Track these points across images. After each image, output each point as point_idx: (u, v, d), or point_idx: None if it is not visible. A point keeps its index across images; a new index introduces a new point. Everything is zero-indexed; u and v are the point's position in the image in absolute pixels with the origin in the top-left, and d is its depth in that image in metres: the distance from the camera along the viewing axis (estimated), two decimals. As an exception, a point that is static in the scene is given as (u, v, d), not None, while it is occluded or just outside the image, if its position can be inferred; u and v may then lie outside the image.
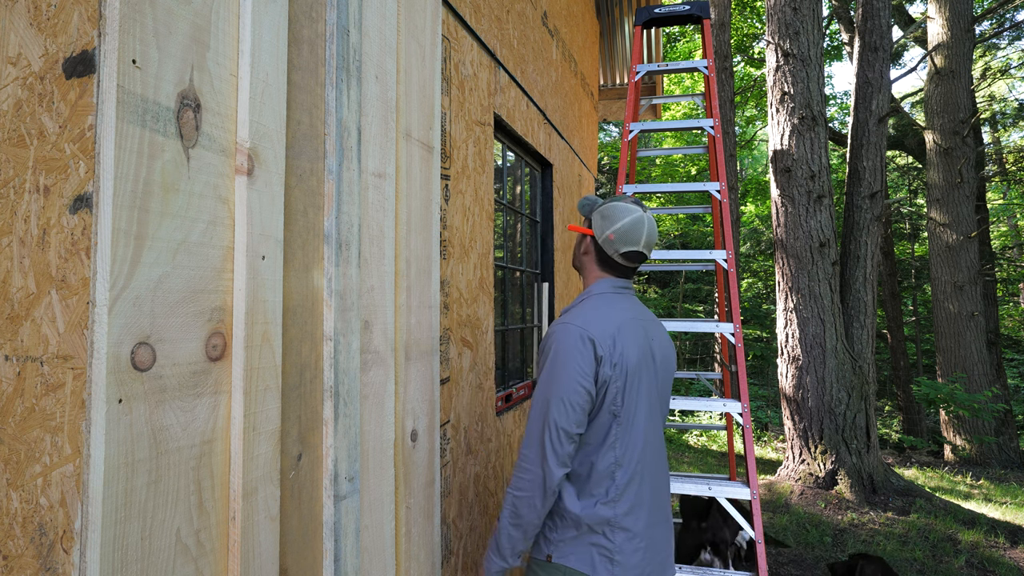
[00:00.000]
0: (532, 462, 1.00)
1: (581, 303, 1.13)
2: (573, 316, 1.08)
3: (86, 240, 0.61)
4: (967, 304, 6.60)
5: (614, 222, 1.14)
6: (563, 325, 1.06)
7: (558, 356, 1.02)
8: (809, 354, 4.54)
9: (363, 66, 0.96)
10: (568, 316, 1.09)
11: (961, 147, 6.76)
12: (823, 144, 4.75)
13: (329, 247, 0.88)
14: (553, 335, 1.06)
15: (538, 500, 1.00)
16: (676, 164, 11.34)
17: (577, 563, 1.01)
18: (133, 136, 0.59)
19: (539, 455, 1.00)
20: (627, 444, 1.04)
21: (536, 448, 1.00)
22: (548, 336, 1.07)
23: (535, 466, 1.00)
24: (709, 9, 2.41)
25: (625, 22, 4.93)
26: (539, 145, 2.67)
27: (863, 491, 4.21)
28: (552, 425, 0.99)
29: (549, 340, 1.06)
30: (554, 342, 1.04)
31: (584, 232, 1.18)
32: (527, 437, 1.02)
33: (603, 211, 1.15)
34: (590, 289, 1.16)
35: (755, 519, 1.85)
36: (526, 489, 1.01)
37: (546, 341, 1.07)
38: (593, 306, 1.10)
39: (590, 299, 1.13)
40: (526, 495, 1.01)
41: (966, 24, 6.82)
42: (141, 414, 0.59)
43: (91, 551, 0.55)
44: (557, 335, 1.05)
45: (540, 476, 0.99)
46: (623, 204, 1.14)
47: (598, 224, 1.16)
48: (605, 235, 1.14)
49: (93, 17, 0.62)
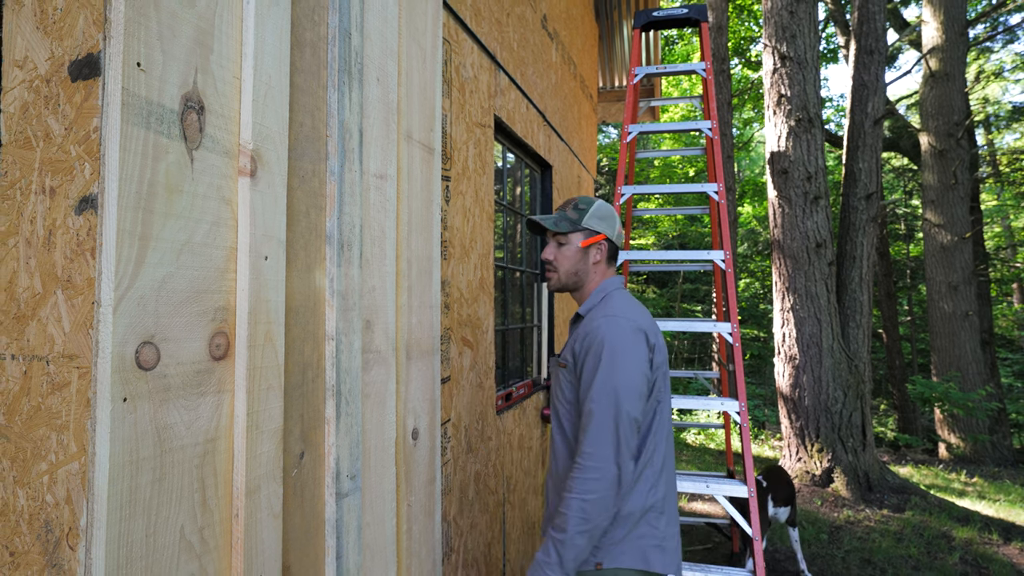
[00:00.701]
0: (602, 459, 0.94)
1: (606, 299, 1.11)
2: (613, 309, 1.06)
3: (91, 241, 0.62)
4: (961, 304, 6.65)
5: (613, 217, 1.17)
6: (610, 318, 1.03)
7: (616, 348, 0.99)
8: (806, 353, 4.57)
9: (365, 68, 0.97)
10: (607, 309, 1.06)
11: (955, 149, 6.81)
12: (819, 146, 4.78)
13: (331, 247, 0.89)
14: (599, 329, 1.02)
15: (611, 500, 0.94)
16: (674, 165, 11.37)
17: (631, 561, 0.98)
18: (138, 138, 0.60)
19: (612, 450, 0.94)
20: (662, 430, 1.05)
21: (608, 444, 0.94)
22: (593, 331, 1.03)
23: (607, 463, 0.94)
24: (707, 12, 2.43)
25: (624, 25, 4.95)
26: (539, 147, 2.68)
27: (859, 489, 4.24)
28: (626, 417, 0.96)
29: (596, 335, 1.02)
30: (604, 335, 1.01)
31: (592, 241, 1.15)
32: (592, 434, 0.95)
33: (598, 215, 1.16)
34: (603, 287, 1.14)
35: (752, 517, 1.86)
36: (598, 490, 0.93)
37: (591, 336, 1.03)
38: (622, 301, 1.09)
39: (613, 294, 1.12)
40: (598, 496, 0.93)
41: (960, 27, 6.88)
42: (145, 412, 0.60)
43: (96, 548, 0.55)
44: (605, 328, 1.02)
45: (614, 473, 0.94)
46: (600, 202, 1.18)
47: (603, 227, 1.16)
48: (617, 230, 1.17)
49: (98, 20, 0.63)
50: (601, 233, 1.16)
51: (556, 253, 1.17)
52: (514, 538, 2.15)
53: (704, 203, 8.84)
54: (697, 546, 3.23)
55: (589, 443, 0.96)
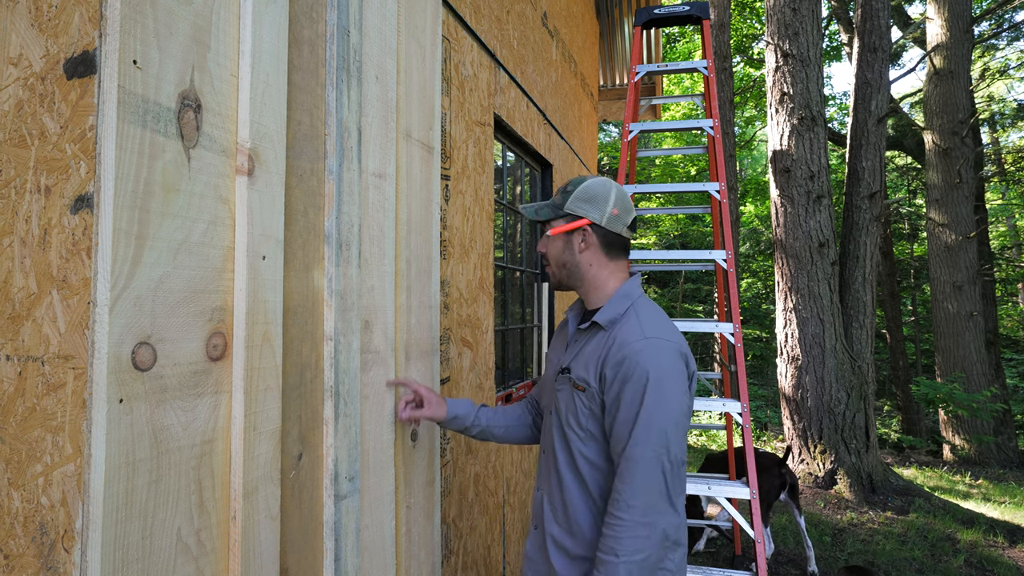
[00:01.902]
0: (649, 513, 0.81)
1: (633, 309, 0.94)
2: (653, 328, 0.90)
3: (87, 240, 0.61)
4: (966, 304, 6.62)
5: (606, 197, 0.97)
6: (651, 342, 0.87)
7: (663, 382, 0.84)
8: (808, 354, 4.55)
9: (363, 67, 0.96)
10: (646, 328, 0.90)
11: (960, 147, 6.77)
12: (822, 144, 4.75)
13: (329, 247, 0.88)
14: (640, 356, 0.86)
15: (660, 557, 0.82)
16: (676, 164, 11.34)
17: None
18: (134, 136, 0.59)
19: (661, 501, 0.82)
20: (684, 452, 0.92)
21: (655, 494, 0.82)
22: (632, 356, 0.86)
23: (655, 517, 0.81)
24: (708, 10, 2.42)
25: (625, 23, 4.94)
26: (539, 145, 2.67)
27: (862, 491, 4.22)
28: (675, 462, 0.83)
29: (636, 361, 0.86)
30: (648, 365, 0.85)
31: (572, 228, 0.98)
32: (638, 485, 0.82)
33: (582, 195, 0.98)
34: (628, 292, 0.97)
35: (755, 519, 1.85)
36: (646, 549, 0.81)
37: (630, 363, 0.86)
38: (654, 313, 0.93)
39: (639, 304, 0.95)
40: (646, 555, 0.81)
41: (965, 25, 6.83)
42: (142, 414, 0.59)
43: (92, 550, 0.55)
44: (648, 356, 0.85)
45: (662, 528, 0.82)
46: (592, 182, 0.99)
47: (587, 209, 0.97)
48: (608, 212, 0.97)
49: (94, 18, 0.62)
50: (583, 218, 0.97)
51: (546, 244, 1.01)
52: (514, 540, 2.14)
53: (706, 202, 8.82)
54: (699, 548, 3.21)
55: (634, 495, 0.82)
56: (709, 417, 7.16)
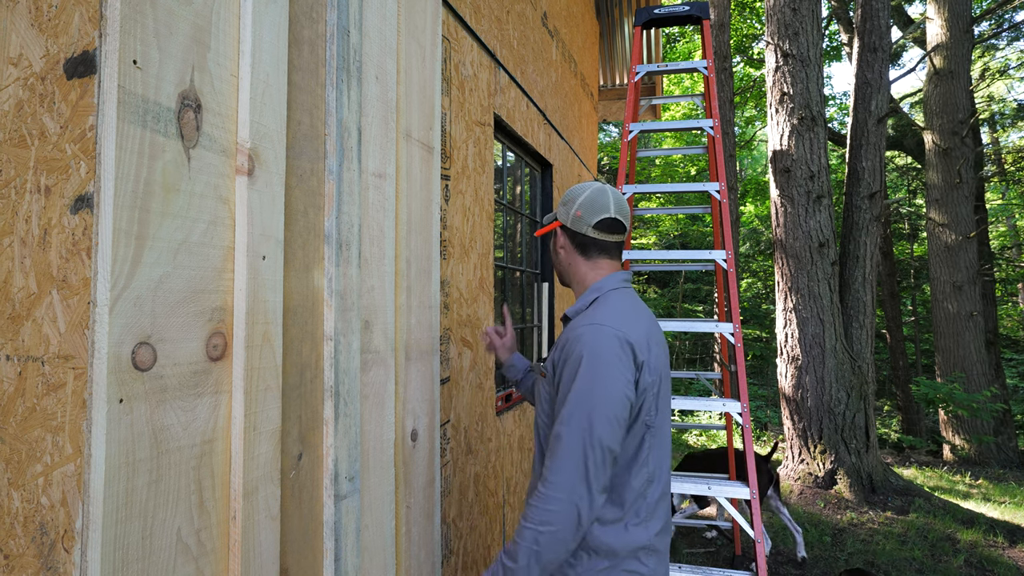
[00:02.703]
0: (564, 489, 0.83)
1: (597, 302, 0.97)
2: (601, 316, 0.91)
3: (87, 240, 0.61)
4: (966, 304, 6.62)
5: (575, 200, 1.02)
6: (594, 327, 0.89)
7: (596, 364, 0.86)
8: (808, 354, 4.55)
9: (363, 67, 0.96)
10: (594, 316, 0.92)
11: (960, 147, 6.77)
12: (822, 144, 4.75)
13: (329, 247, 0.88)
14: (580, 340, 0.88)
15: (570, 535, 0.84)
16: (676, 164, 11.34)
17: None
18: (134, 136, 0.59)
19: (577, 481, 0.83)
20: (658, 456, 0.93)
21: (573, 473, 0.83)
22: (574, 340, 0.90)
23: (568, 494, 0.83)
24: (708, 10, 2.42)
25: (625, 23, 4.94)
26: (539, 145, 2.67)
27: (862, 491, 4.22)
28: (597, 445, 0.84)
29: (575, 345, 0.89)
30: (584, 347, 0.87)
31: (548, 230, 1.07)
32: (558, 461, 0.84)
33: (562, 199, 1.06)
34: (598, 286, 1.00)
35: (755, 519, 1.85)
36: (554, 523, 0.83)
37: (571, 346, 0.90)
38: (614, 305, 0.94)
39: (607, 296, 0.97)
40: (554, 530, 0.83)
41: (965, 25, 6.83)
42: (142, 414, 0.59)
43: (92, 550, 0.55)
44: (587, 339, 0.88)
45: (575, 507, 0.83)
46: (577, 187, 1.05)
47: (561, 213, 1.04)
48: (572, 215, 1.01)
49: (94, 18, 0.62)
50: (555, 220, 1.04)
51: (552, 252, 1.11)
52: (515, 539, 2.14)
53: (706, 202, 8.81)
54: (699, 548, 3.21)
55: (554, 470, 0.85)
56: (709, 417, 7.16)
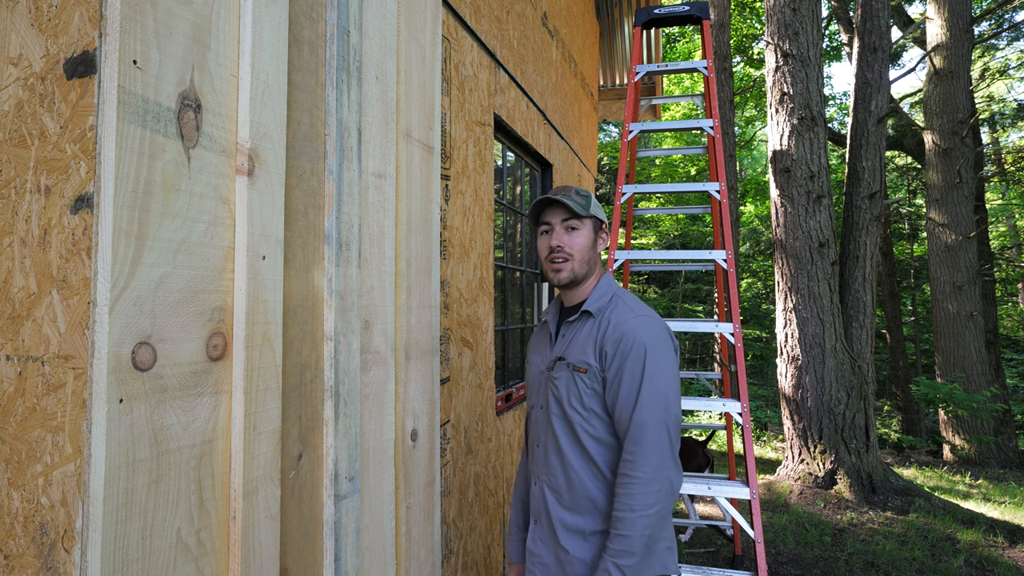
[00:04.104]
0: (662, 469, 0.91)
1: (618, 297, 1.07)
2: (641, 308, 1.03)
3: (87, 240, 0.61)
4: (966, 304, 6.62)
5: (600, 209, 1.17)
6: (643, 319, 0.99)
7: (659, 351, 0.96)
8: (808, 354, 4.55)
9: (363, 66, 0.96)
10: (635, 308, 1.03)
11: (960, 147, 6.77)
12: (822, 144, 4.75)
13: (329, 247, 0.88)
14: (636, 332, 0.97)
15: (670, 507, 0.92)
16: (676, 164, 11.34)
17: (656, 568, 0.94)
18: (134, 136, 0.59)
19: (667, 459, 0.92)
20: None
21: (664, 453, 0.91)
22: (629, 333, 0.97)
23: (663, 472, 0.91)
24: (708, 10, 2.42)
25: (625, 23, 4.94)
26: (539, 145, 2.67)
27: (862, 491, 4.22)
28: (674, 423, 0.94)
29: (633, 337, 0.97)
30: (644, 338, 0.97)
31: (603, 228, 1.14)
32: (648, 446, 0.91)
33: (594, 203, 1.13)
34: (608, 284, 1.09)
35: (755, 519, 1.85)
36: (660, 502, 0.90)
37: (627, 339, 0.97)
38: (636, 299, 1.07)
39: (621, 293, 1.08)
40: (660, 507, 0.90)
41: (965, 25, 6.83)
42: (142, 414, 0.59)
43: (92, 550, 0.55)
44: (643, 331, 0.97)
45: (669, 482, 0.91)
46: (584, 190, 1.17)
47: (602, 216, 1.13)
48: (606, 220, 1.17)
49: (94, 18, 0.62)
50: (605, 222, 1.14)
51: (568, 239, 1.07)
52: (515, 539, 2.14)
53: (706, 202, 8.81)
54: (699, 548, 3.21)
55: (646, 455, 0.91)
56: (709, 417, 7.16)
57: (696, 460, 3.22)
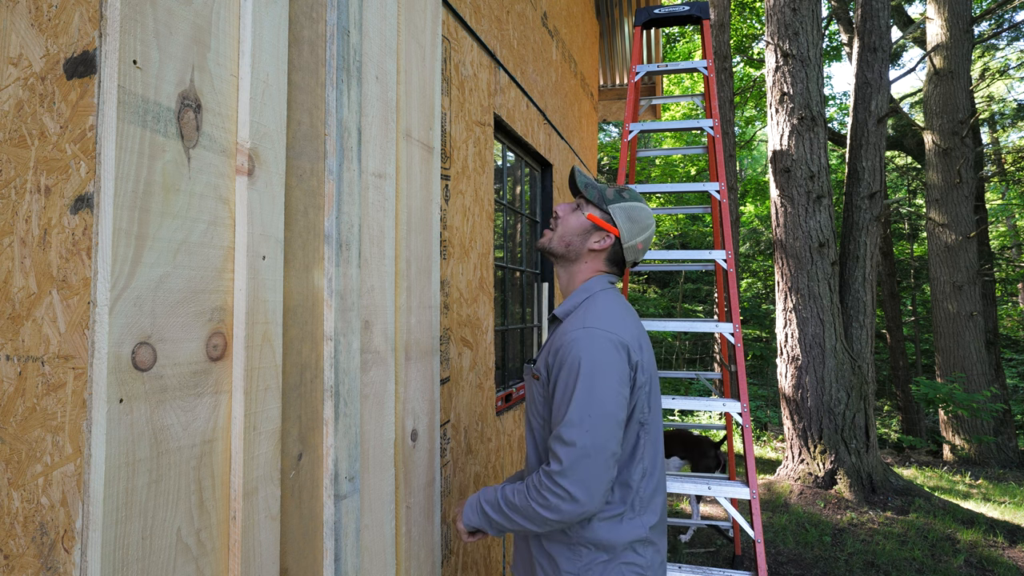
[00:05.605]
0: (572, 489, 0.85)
1: (587, 303, 0.98)
2: (594, 319, 0.92)
3: (87, 240, 0.61)
4: (966, 304, 6.62)
5: (643, 229, 1.04)
6: (587, 331, 0.90)
7: (594, 369, 0.87)
8: (808, 354, 4.55)
9: (363, 66, 0.96)
10: (586, 318, 0.93)
11: (960, 147, 6.77)
12: (822, 144, 4.75)
13: (329, 247, 0.88)
14: (575, 344, 0.89)
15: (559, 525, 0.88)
16: (676, 164, 11.34)
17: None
18: (134, 136, 0.59)
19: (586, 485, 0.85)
20: (652, 452, 0.96)
21: (580, 478, 0.85)
22: (568, 345, 0.90)
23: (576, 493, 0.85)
24: (708, 10, 2.42)
25: (625, 23, 4.94)
26: (539, 145, 2.68)
27: (862, 491, 4.22)
28: (603, 450, 0.86)
29: (570, 349, 0.90)
30: (580, 352, 0.88)
31: (604, 226, 1.03)
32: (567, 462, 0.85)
33: (630, 213, 1.03)
34: (588, 287, 1.02)
35: (755, 519, 1.85)
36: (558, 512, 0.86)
37: (565, 351, 0.90)
38: (606, 306, 0.96)
39: (597, 297, 0.99)
40: (551, 517, 0.87)
41: (965, 25, 6.83)
42: (142, 414, 0.59)
43: (92, 550, 0.55)
44: (582, 343, 0.89)
45: (578, 509, 0.85)
46: (643, 207, 1.05)
47: (626, 227, 1.03)
48: (634, 243, 1.04)
49: (94, 18, 0.62)
50: (616, 229, 1.03)
51: (566, 213, 1.06)
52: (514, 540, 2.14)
53: (706, 202, 8.81)
54: (699, 548, 3.21)
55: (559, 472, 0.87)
56: (709, 417, 7.16)
57: (705, 461, 3.14)
